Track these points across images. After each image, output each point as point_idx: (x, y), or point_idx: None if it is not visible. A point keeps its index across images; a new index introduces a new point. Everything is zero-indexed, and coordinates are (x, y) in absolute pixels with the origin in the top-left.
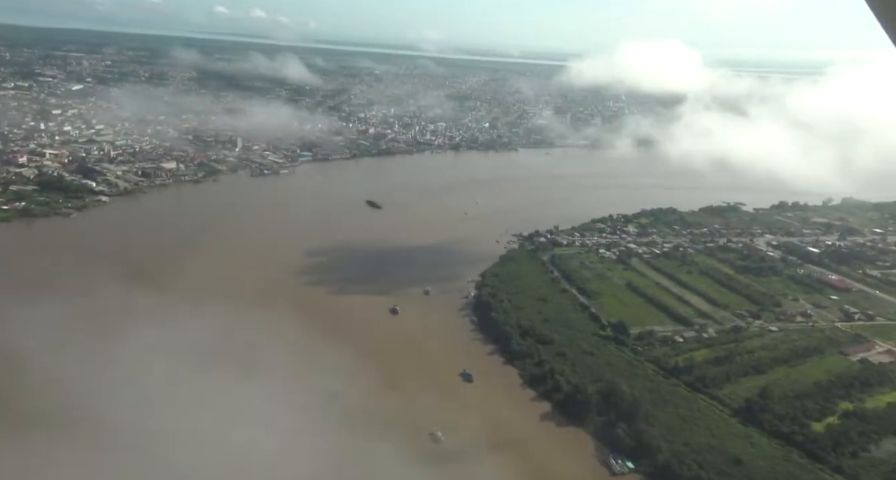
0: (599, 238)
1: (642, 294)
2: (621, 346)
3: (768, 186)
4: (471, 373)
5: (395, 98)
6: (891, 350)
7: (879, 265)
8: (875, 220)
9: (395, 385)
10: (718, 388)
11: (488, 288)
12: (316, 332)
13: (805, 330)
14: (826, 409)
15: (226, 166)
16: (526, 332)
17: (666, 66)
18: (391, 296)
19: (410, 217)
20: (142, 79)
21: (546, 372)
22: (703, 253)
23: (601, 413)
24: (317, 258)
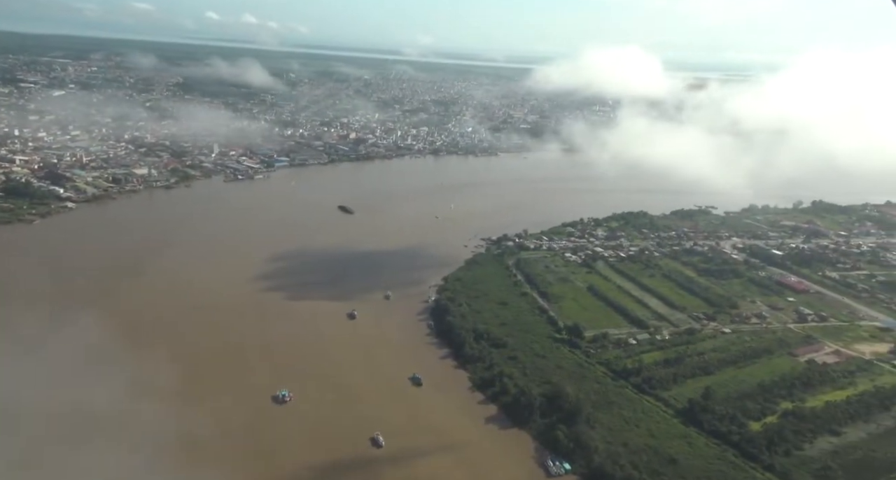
0: (567, 242)
1: (603, 297)
2: (575, 349)
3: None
4: (420, 377)
5: (381, 103)
6: (838, 350)
7: (840, 267)
8: (842, 223)
9: (343, 389)
10: (665, 390)
11: (448, 292)
12: (266, 338)
13: (758, 332)
14: (767, 409)
15: (200, 172)
16: (480, 336)
17: (650, 72)
18: (350, 301)
19: (381, 222)
20: (126, 85)
21: (495, 376)
22: (669, 257)
23: (545, 415)
24: (279, 263)
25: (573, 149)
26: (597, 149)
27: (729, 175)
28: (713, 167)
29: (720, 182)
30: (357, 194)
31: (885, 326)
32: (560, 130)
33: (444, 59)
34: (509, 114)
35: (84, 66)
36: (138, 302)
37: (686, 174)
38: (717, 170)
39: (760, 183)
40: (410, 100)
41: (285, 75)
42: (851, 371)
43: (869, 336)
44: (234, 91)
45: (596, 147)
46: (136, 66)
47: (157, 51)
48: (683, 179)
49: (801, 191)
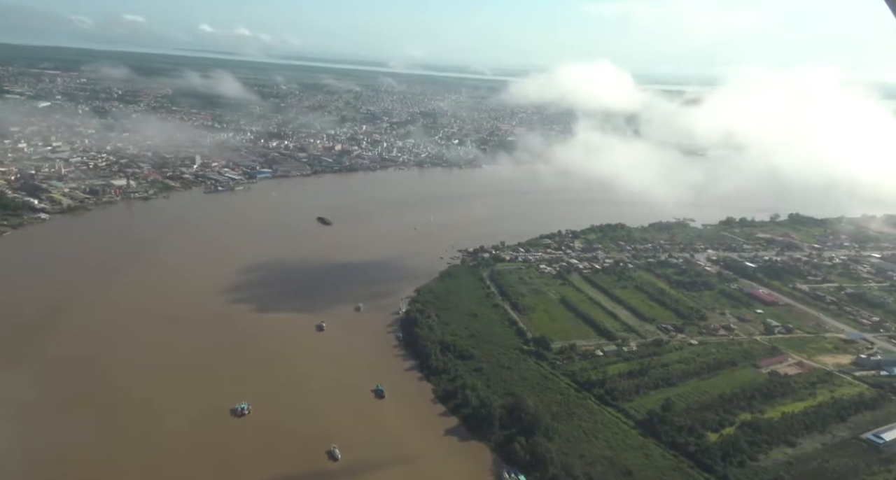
0: (543, 253)
1: (574, 309)
2: (541, 360)
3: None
4: (383, 389)
5: (370, 115)
6: (801, 362)
7: (810, 279)
8: (817, 236)
9: (304, 402)
10: (627, 401)
11: (419, 303)
12: (229, 350)
13: (724, 343)
14: (725, 420)
15: (180, 183)
16: (447, 348)
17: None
18: (320, 313)
19: (359, 233)
20: (113, 96)
21: (457, 388)
22: (643, 269)
23: (504, 427)
24: (250, 275)
25: (552, 161)
26: (573, 161)
27: (673, 188)
28: (658, 179)
29: (662, 193)
30: (337, 205)
31: (850, 338)
32: (548, 143)
33: (435, 72)
34: (497, 126)
35: (73, 77)
36: (100, 315)
37: (632, 185)
38: (661, 183)
39: (704, 196)
40: (399, 113)
41: (276, 87)
42: (812, 382)
43: (833, 347)
44: (223, 102)
45: (573, 159)
46: (125, 77)
47: (147, 62)
48: (629, 190)
49: (744, 202)
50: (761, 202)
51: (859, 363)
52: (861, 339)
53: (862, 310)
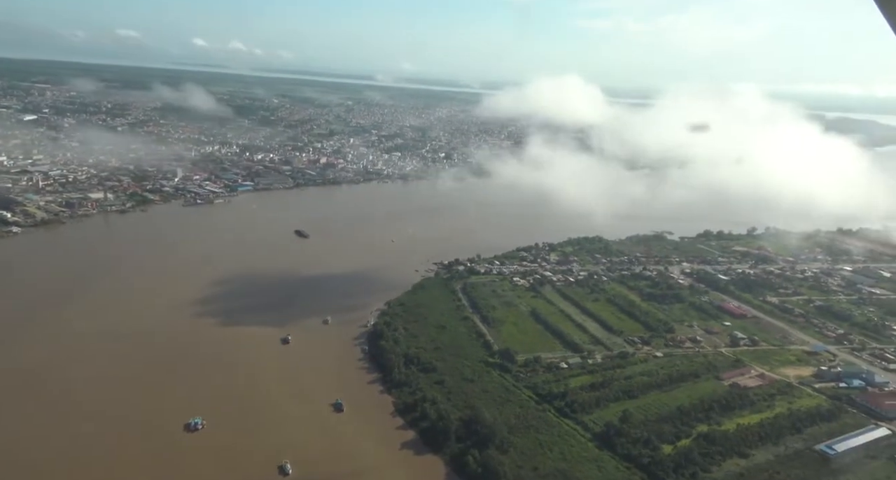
0: (519, 266)
1: (543, 321)
2: (505, 373)
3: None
4: (342, 403)
5: (359, 128)
6: (763, 374)
7: (781, 292)
8: (791, 249)
9: (260, 416)
10: (587, 413)
11: (387, 316)
12: (190, 364)
13: (689, 356)
14: (682, 432)
15: (159, 196)
16: (410, 361)
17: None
18: (287, 326)
19: (336, 246)
20: (102, 109)
21: (417, 401)
22: (616, 281)
23: (460, 440)
24: (220, 288)
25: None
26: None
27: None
28: (600, 193)
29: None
30: (317, 218)
31: (813, 350)
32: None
33: (425, 86)
34: (485, 139)
35: (64, 90)
36: (57, 329)
37: (569, 198)
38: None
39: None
40: (389, 126)
41: (267, 100)
42: (772, 394)
43: (796, 359)
44: (212, 116)
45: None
46: (116, 90)
47: (140, 76)
48: (565, 203)
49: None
50: (696, 215)
51: (820, 375)
52: (824, 352)
53: (828, 323)
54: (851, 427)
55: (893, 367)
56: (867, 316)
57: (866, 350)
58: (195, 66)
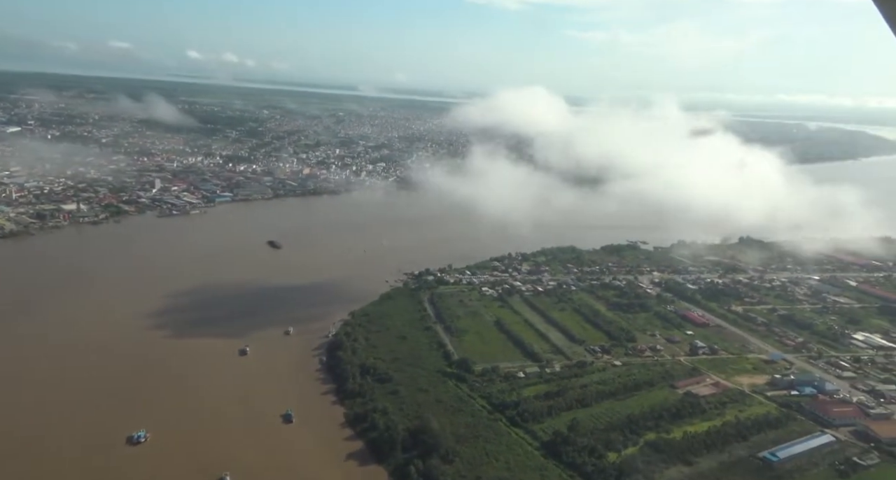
0: (490, 276)
1: (506, 331)
2: (461, 383)
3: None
4: (292, 414)
5: (347, 139)
6: (718, 382)
7: (747, 301)
8: (762, 259)
9: (207, 428)
10: (538, 422)
11: (349, 327)
12: (140, 377)
13: (647, 364)
14: (630, 440)
15: (135, 207)
16: (366, 371)
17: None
18: (246, 337)
19: (307, 256)
20: (89, 121)
21: (368, 411)
22: (585, 291)
23: (406, 450)
24: (182, 299)
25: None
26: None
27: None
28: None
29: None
30: (293, 229)
31: (771, 358)
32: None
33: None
34: (471, 150)
35: (53, 102)
36: (10, 342)
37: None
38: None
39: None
40: (377, 137)
41: (258, 111)
42: (724, 402)
43: (752, 368)
44: (200, 127)
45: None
46: (104, 102)
47: (130, 88)
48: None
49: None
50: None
51: (773, 383)
52: (781, 360)
53: (789, 332)
54: (798, 434)
55: (847, 375)
56: (828, 325)
57: (823, 358)
58: (188, 78)
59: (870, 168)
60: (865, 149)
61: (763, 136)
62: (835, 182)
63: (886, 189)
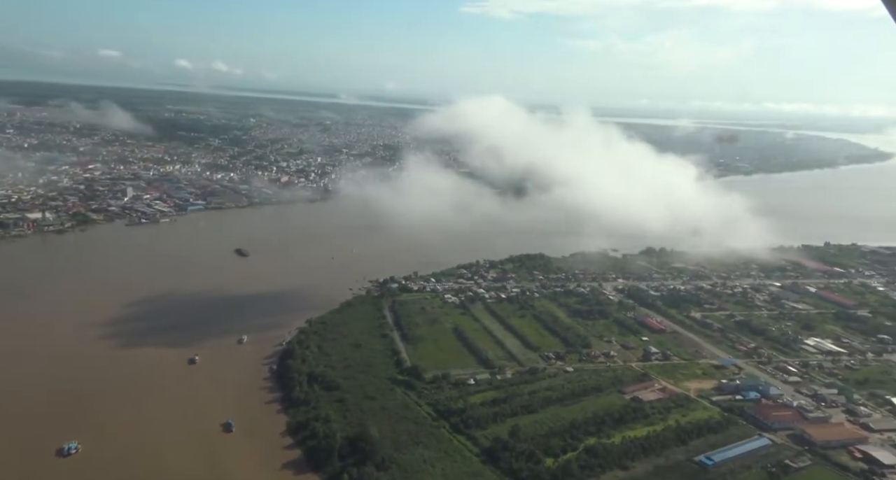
0: (454, 283)
1: (463, 338)
2: (410, 390)
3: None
4: (232, 423)
5: (331, 147)
6: (665, 387)
7: (707, 307)
8: (727, 266)
9: (144, 438)
10: (481, 429)
11: (304, 335)
12: (78, 387)
13: (599, 370)
14: (569, 445)
15: (103, 215)
16: (314, 379)
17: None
18: (197, 346)
19: (274, 264)
20: (70, 129)
21: (310, 419)
22: (548, 298)
23: (344, 458)
24: (137, 308)
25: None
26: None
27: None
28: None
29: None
30: (263, 237)
31: (721, 364)
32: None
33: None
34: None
35: (35, 111)
36: None
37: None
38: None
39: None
40: (362, 145)
41: (244, 120)
42: (669, 407)
43: (702, 373)
44: (183, 135)
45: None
46: (89, 111)
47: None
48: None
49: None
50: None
51: (720, 388)
52: (731, 365)
53: (743, 337)
54: (737, 438)
55: (793, 380)
56: (783, 331)
57: (772, 363)
58: (177, 86)
59: (836, 176)
60: (845, 158)
61: (732, 145)
62: (780, 191)
63: (823, 198)
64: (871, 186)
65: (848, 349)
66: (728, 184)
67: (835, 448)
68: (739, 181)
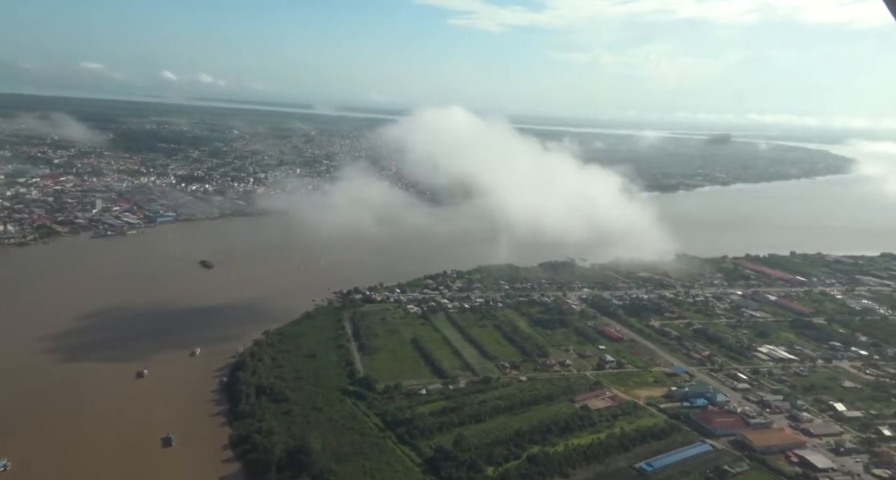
0: (420, 293)
1: (421, 348)
2: (360, 401)
3: None
4: (172, 437)
5: (312, 158)
6: (616, 395)
7: (667, 316)
8: (693, 275)
9: (79, 454)
10: (427, 439)
11: (258, 346)
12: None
13: (553, 379)
14: (512, 454)
15: (69, 228)
16: (262, 391)
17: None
18: (147, 359)
19: (239, 275)
20: (46, 142)
21: (252, 432)
22: (511, 307)
23: (282, 470)
24: (87, 322)
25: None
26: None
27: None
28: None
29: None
30: (231, 248)
31: (673, 371)
32: None
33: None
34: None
35: (13, 123)
36: None
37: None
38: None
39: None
40: (343, 156)
41: (228, 131)
42: (616, 414)
43: (654, 381)
44: (163, 147)
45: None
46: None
47: (100, 108)
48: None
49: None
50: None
51: (669, 395)
52: (683, 373)
53: (698, 345)
54: (679, 444)
55: (742, 386)
56: (738, 339)
57: (723, 370)
58: (161, 98)
59: (812, 186)
60: (823, 168)
61: (697, 155)
62: (755, 201)
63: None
64: (843, 196)
65: (799, 356)
66: (705, 195)
67: (773, 453)
68: (718, 191)
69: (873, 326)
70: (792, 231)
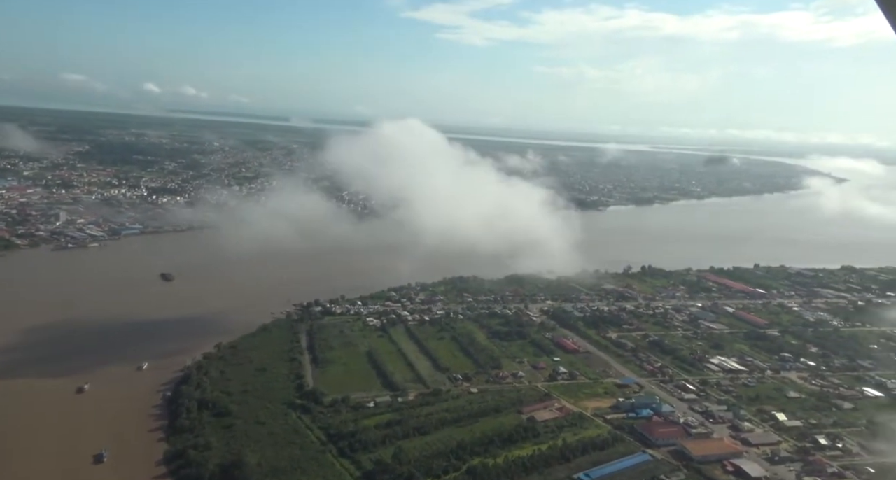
0: (381, 306)
1: (375, 361)
2: (305, 414)
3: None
4: (105, 454)
5: (291, 170)
6: (564, 406)
7: (626, 328)
8: (658, 287)
9: (3, 472)
10: (369, 452)
11: (207, 360)
12: None
13: (503, 391)
14: (452, 466)
15: (29, 240)
16: (205, 405)
17: None
18: (89, 374)
19: (199, 288)
20: (17, 154)
21: (188, 447)
22: (471, 320)
23: None
24: (35, 335)
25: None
26: None
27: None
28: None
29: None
30: (194, 261)
31: (623, 382)
32: None
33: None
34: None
35: None
36: None
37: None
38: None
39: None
40: (323, 169)
41: (209, 143)
42: (562, 426)
43: (604, 392)
44: (138, 159)
45: None
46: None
47: (80, 120)
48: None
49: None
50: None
51: (617, 406)
52: (633, 383)
53: (652, 356)
54: (621, 454)
55: (689, 397)
56: (692, 350)
57: (673, 381)
58: (143, 110)
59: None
60: (797, 182)
61: (675, 169)
62: (725, 215)
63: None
64: (813, 209)
65: (749, 367)
66: (679, 208)
67: (711, 463)
68: (693, 205)
69: (824, 338)
70: (757, 244)
